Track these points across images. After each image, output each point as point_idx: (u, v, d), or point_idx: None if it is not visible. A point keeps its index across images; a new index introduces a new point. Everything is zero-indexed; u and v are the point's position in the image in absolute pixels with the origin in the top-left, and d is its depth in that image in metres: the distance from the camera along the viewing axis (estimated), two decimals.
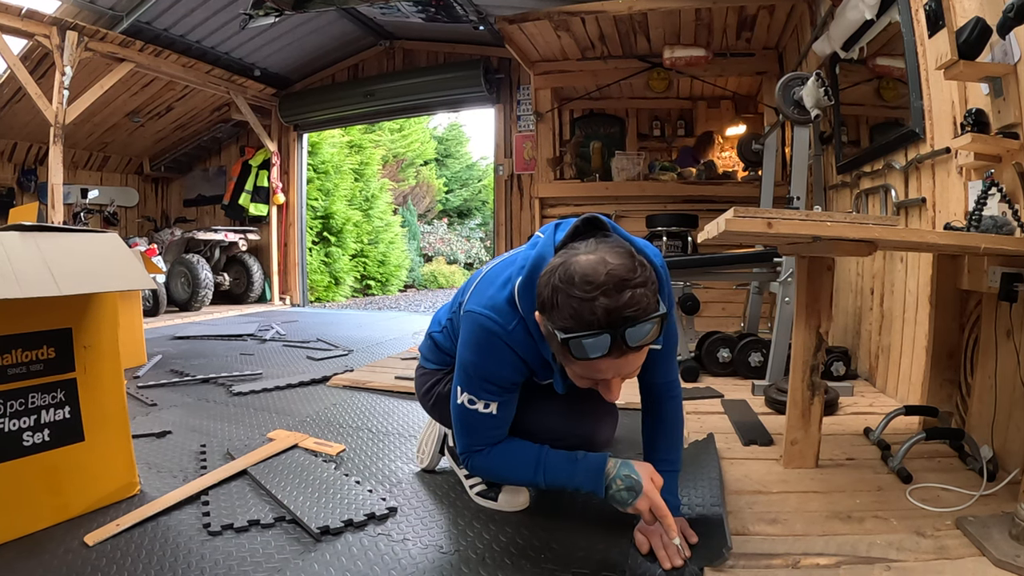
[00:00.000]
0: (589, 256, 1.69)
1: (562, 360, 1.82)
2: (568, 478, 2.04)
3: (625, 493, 1.93)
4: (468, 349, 2.07)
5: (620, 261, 1.67)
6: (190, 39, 8.76)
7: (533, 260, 1.93)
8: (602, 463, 2.00)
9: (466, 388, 2.08)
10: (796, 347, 2.70)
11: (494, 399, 2.06)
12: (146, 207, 12.27)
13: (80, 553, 2.05)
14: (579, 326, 1.64)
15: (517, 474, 2.13)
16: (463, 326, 2.11)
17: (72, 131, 8.37)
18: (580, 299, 1.63)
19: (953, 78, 2.77)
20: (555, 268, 1.71)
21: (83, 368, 2.35)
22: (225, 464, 2.83)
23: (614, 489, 1.95)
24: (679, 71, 7.26)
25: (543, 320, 1.77)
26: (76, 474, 2.32)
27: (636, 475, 1.94)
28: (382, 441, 3.27)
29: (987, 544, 1.90)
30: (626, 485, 1.94)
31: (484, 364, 2.03)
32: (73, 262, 2.22)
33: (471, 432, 2.14)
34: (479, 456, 2.16)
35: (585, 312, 1.63)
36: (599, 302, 1.62)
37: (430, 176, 23.21)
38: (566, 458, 2.06)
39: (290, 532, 2.22)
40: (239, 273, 10.84)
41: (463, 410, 2.11)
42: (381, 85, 10.00)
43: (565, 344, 1.67)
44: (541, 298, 1.74)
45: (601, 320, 1.62)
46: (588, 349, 1.65)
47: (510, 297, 1.99)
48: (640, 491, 1.93)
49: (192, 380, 4.65)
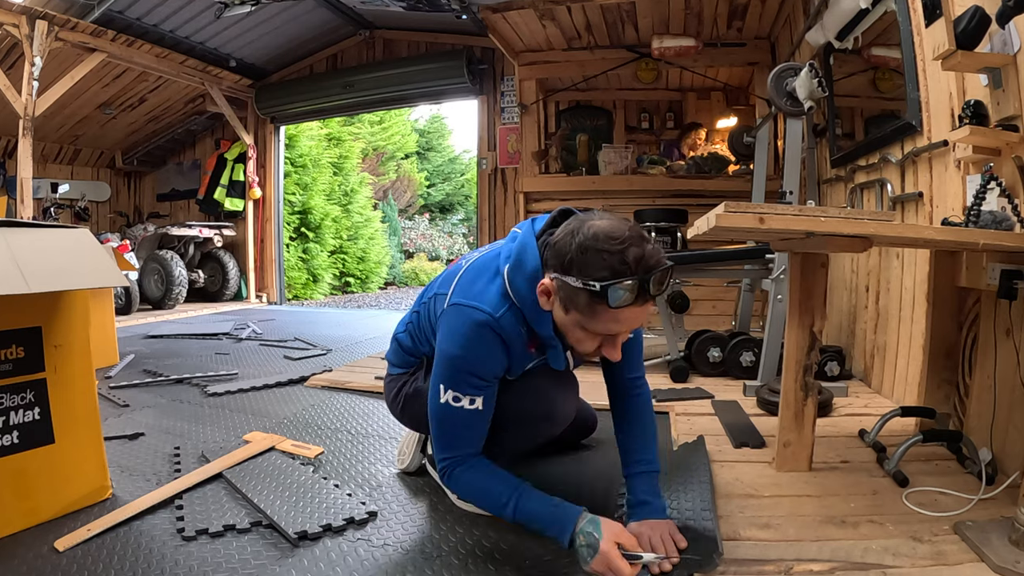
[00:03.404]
0: (603, 220, 1.91)
1: (581, 320, 1.94)
2: (537, 518, 2.02)
3: (585, 550, 1.91)
4: (454, 343, 2.10)
5: (630, 223, 1.93)
6: (163, 28, 8.68)
7: (518, 248, 2.08)
8: (575, 513, 1.98)
9: (450, 385, 2.10)
10: (789, 346, 2.70)
11: (479, 393, 2.10)
12: (118, 202, 12.18)
13: (50, 559, 2.04)
14: (613, 275, 1.81)
15: (490, 499, 2.12)
16: (448, 320, 2.16)
17: (42, 123, 8.29)
18: (610, 251, 1.83)
19: (951, 69, 2.77)
20: (574, 231, 1.90)
21: (53, 368, 2.33)
22: (200, 467, 2.81)
23: (577, 543, 1.93)
24: (668, 61, 7.23)
25: (565, 282, 1.90)
26: (46, 477, 2.30)
27: (598, 533, 1.91)
28: (362, 443, 3.26)
29: (986, 550, 1.90)
30: (587, 542, 1.91)
31: (471, 357, 2.08)
32: (43, 259, 2.20)
33: (453, 436, 2.15)
34: (461, 469, 2.14)
35: (616, 262, 1.82)
36: (629, 252, 1.83)
37: (411, 170, 23.13)
38: (541, 499, 2.06)
39: (267, 537, 2.21)
40: (214, 270, 10.77)
41: (446, 410, 2.11)
42: (361, 76, 9.96)
43: (599, 295, 1.83)
44: (564, 260, 1.90)
45: (632, 268, 1.82)
46: (623, 295, 1.82)
47: (501, 288, 2.10)
48: (596, 551, 1.88)
49: (166, 380, 4.63)
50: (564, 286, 1.90)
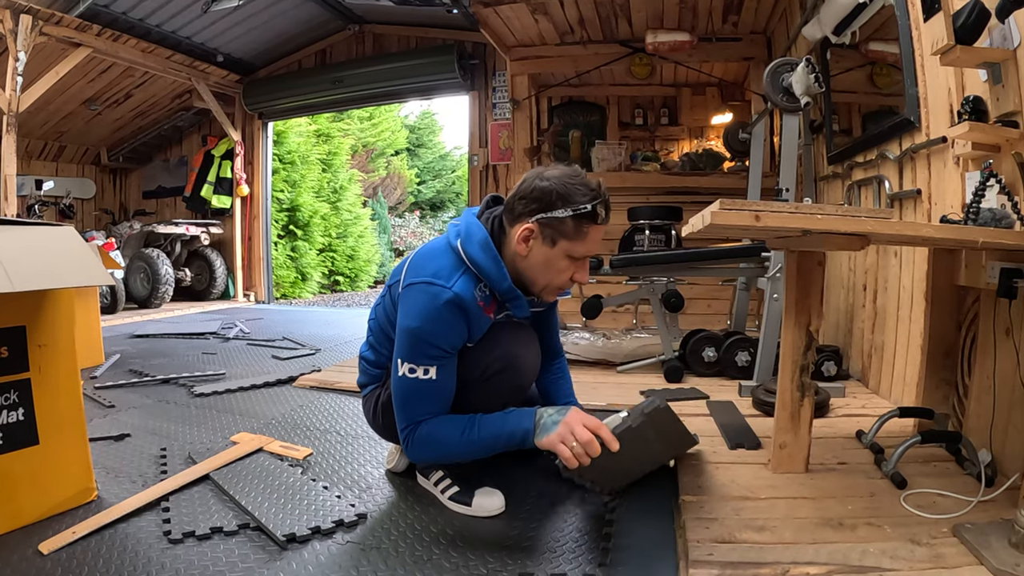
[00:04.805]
0: (554, 168, 2.36)
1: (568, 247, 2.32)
2: (497, 426, 2.30)
3: (556, 416, 2.24)
4: (411, 317, 2.31)
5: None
6: (150, 23, 8.67)
7: (464, 226, 2.42)
8: (533, 409, 2.33)
9: (407, 358, 2.31)
10: (785, 346, 2.70)
11: (434, 363, 2.31)
12: (104, 199, 12.16)
13: (34, 562, 2.03)
14: (592, 198, 2.26)
15: (450, 439, 2.33)
16: (404, 299, 2.37)
17: (26, 119, 8.31)
18: (581, 183, 2.29)
19: (950, 64, 2.77)
20: (538, 178, 2.32)
21: (37, 368, 2.32)
22: (186, 469, 2.81)
23: (545, 418, 2.26)
24: (662, 56, 7.22)
25: (552, 218, 2.28)
26: (30, 479, 2.29)
27: (563, 412, 2.26)
28: (351, 444, 3.26)
29: (985, 552, 1.89)
30: (556, 411, 2.27)
31: (428, 328, 2.28)
32: (27, 257, 2.19)
33: (410, 405, 2.36)
34: (416, 432, 2.35)
35: (588, 189, 2.28)
36: (591, 181, 2.32)
37: (401, 167, 23.15)
38: (498, 415, 2.35)
39: (255, 540, 2.20)
40: (201, 268, 10.77)
41: (403, 382, 2.34)
42: (350, 71, 9.98)
43: (588, 215, 2.27)
44: (546, 200, 2.27)
45: (597, 191, 2.29)
46: (603, 212, 2.30)
47: (453, 259, 2.37)
48: (569, 409, 2.27)
49: (152, 381, 4.62)
50: (550, 222, 2.28)
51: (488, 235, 2.37)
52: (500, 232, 2.43)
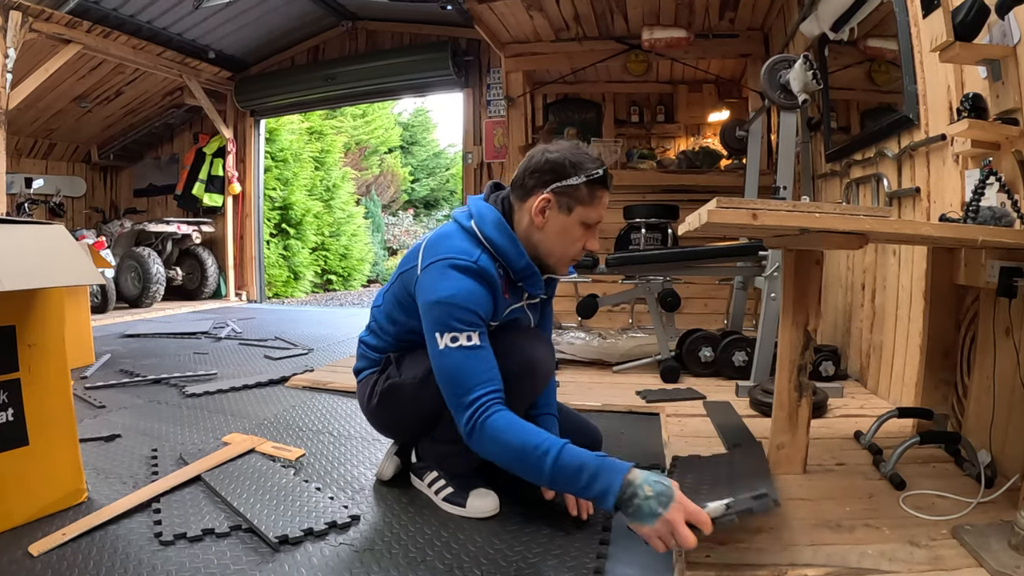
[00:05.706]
0: (555, 143, 2.48)
1: (583, 213, 2.40)
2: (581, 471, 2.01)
3: (655, 499, 1.88)
4: (440, 290, 2.28)
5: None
6: (140, 19, 8.65)
7: (475, 209, 2.49)
8: (625, 468, 1.99)
9: (446, 328, 2.24)
10: (782, 346, 2.70)
11: (475, 329, 2.25)
12: (94, 197, 12.14)
13: (24, 564, 2.02)
14: (597, 164, 2.38)
15: (523, 452, 2.10)
16: (428, 277, 2.35)
17: (15, 117, 8.25)
18: (585, 153, 2.42)
19: (949, 61, 2.77)
20: (545, 152, 2.42)
21: (27, 368, 2.31)
22: (178, 470, 2.79)
23: (640, 495, 1.90)
24: (658, 53, 7.21)
25: (567, 186, 2.36)
26: (19, 480, 2.28)
27: (666, 481, 1.93)
28: (344, 445, 3.25)
29: (985, 554, 1.89)
30: (654, 489, 1.90)
31: (460, 295, 2.26)
32: (17, 256, 2.18)
33: (464, 376, 2.21)
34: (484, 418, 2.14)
35: (591, 157, 2.40)
36: (591, 150, 2.50)
37: (395, 164, 23.08)
38: (589, 457, 2.04)
39: (247, 542, 2.19)
40: (192, 267, 10.75)
41: (447, 355, 2.23)
42: (343, 68, 9.97)
43: (600, 180, 2.37)
44: (560, 171, 2.36)
45: (600, 159, 2.43)
46: (610, 177, 2.41)
47: (470, 238, 2.42)
48: (672, 497, 1.89)
49: (143, 381, 4.61)
50: (566, 190, 2.36)
51: (501, 215, 2.45)
52: (509, 212, 2.50)
